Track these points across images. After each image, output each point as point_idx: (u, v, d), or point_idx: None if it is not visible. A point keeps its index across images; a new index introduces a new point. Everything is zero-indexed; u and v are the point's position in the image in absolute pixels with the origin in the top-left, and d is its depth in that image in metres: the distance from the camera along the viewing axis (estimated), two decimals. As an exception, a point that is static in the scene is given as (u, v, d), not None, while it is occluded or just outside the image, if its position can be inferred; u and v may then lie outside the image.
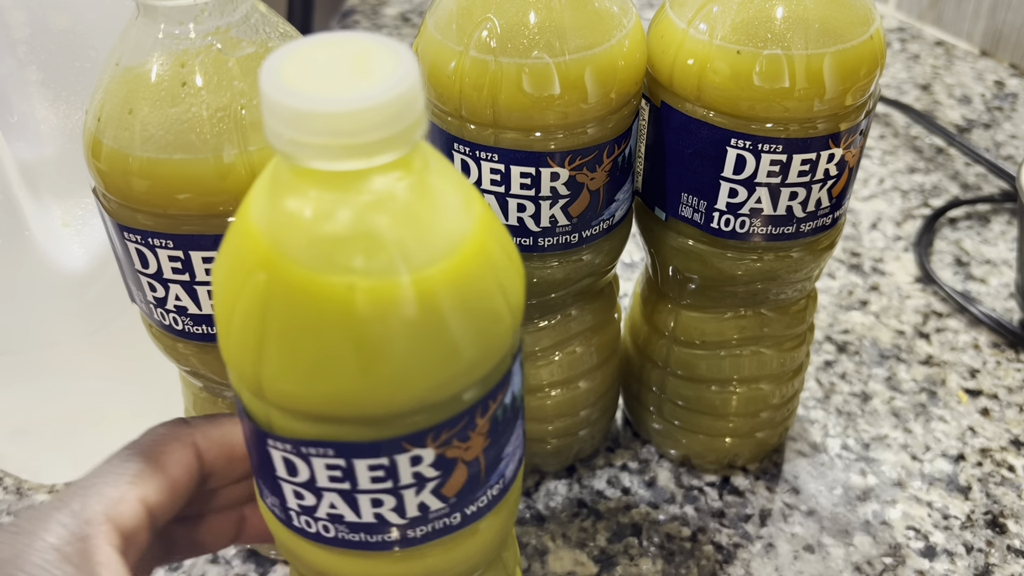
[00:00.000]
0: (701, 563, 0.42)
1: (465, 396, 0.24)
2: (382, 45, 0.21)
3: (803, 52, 0.32)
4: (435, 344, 0.23)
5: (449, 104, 0.33)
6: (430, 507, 0.26)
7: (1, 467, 0.46)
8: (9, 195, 0.36)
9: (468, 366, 0.24)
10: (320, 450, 0.24)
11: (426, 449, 0.24)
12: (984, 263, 0.59)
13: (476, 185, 0.35)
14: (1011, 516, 0.44)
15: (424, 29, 0.34)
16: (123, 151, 0.28)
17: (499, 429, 0.26)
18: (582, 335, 0.42)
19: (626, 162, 0.36)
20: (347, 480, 0.24)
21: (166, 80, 0.28)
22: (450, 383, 0.24)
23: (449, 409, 0.24)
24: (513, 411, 0.27)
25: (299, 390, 0.23)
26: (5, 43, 0.37)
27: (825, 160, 0.35)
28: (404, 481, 0.25)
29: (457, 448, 0.25)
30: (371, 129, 0.20)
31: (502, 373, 0.25)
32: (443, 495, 0.26)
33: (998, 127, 0.71)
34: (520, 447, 0.29)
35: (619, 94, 0.34)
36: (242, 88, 0.28)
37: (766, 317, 0.41)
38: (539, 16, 0.32)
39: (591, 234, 0.37)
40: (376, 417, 0.23)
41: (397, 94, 0.20)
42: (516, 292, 0.25)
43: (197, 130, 0.28)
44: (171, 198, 0.28)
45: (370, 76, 0.20)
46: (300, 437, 0.24)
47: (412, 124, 0.21)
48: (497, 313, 0.24)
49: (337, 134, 0.20)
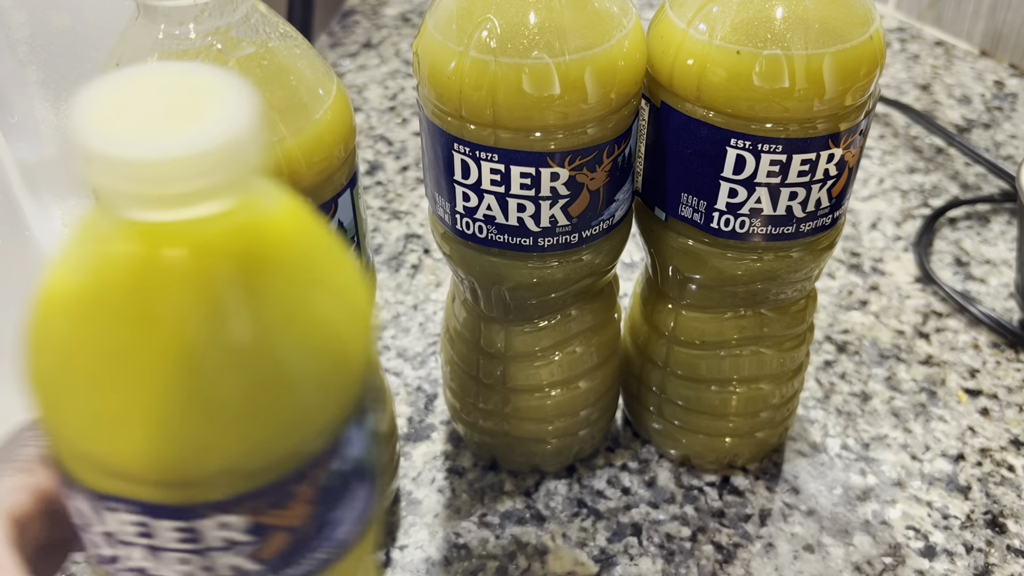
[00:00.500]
0: (701, 563, 0.42)
1: (281, 463, 0.22)
2: (220, 82, 0.20)
3: (803, 52, 0.32)
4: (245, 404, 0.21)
5: (449, 104, 0.33)
6: (249, 571, 0.24)
7: (1, 467, 0.46)
8: (9, 195, 0.36)
9: (281, 432, 0.22)
10: (120, 506, 0.22)
11: (236, 516, 0.22)
12: (984, 263, 0.59)
13: (476, 185, 0.35)
14: (1011, 516, 0.44)
15: (424, 29, 0.34)
16: None
17: (329, 496, 0.24)
18: (582, 335, 0.42)
19: (626, 162, 0.36)
20: (149, 537, 0.23)
21: None
22: (262, 449, 0.22)
23: (263, 477, 0.22)
24: (348, 477, 0.25)
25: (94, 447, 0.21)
26: (5, 43, 0.37)
27: (825, 160, 0.35)
28: (211, 544, 0.23)
29: (274, 516, 0.23)
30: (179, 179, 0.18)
31: (332, 438, 0.23)
32: (258, 558, 0.24)
33: (998, 127, 0.71)
34: (365, 507, 0.27)
35: (619, 94, 0.34)
36: None
37: (766, 317, 0.41)
38: (539, 16, 0.32)
39: (591, 234, 0.37)
40: (174, 481, 0.21)
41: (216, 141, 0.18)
42: (356, 347, 0.23)
43: None
44: None
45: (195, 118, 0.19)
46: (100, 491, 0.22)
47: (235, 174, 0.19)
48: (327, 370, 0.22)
49: (139, 182, 0.18)
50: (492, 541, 0.43)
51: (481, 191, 0.35)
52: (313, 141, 0.30)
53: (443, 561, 0.42)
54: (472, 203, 0.36)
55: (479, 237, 0.37)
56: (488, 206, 0.35)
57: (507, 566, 0.42)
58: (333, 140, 0.31)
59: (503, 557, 0.42)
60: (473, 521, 0.44)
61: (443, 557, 0.42)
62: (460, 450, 0.48)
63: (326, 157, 0.30)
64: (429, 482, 0.46)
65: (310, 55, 0.31)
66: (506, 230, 0.36)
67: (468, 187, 0.35)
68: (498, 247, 0.37)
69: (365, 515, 0.27)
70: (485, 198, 0.35)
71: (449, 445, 0.48)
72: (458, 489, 0.46)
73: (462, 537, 0.43)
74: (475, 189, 0.35)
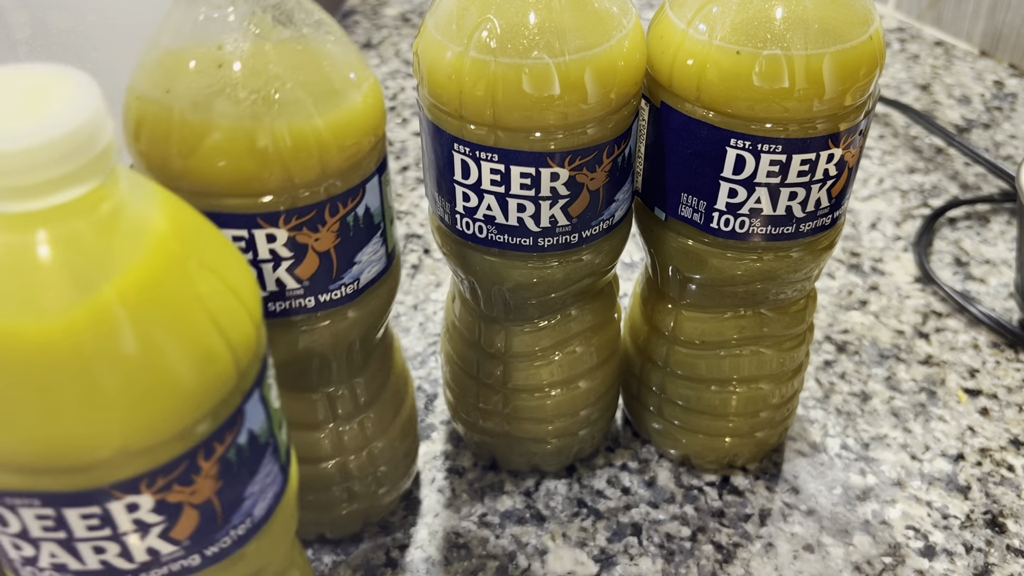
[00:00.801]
0: (701, 563, 0.42)
1: (176, 440, 0.23)
2: (61, 77, 0.20)
3: (802, 52, 0.32)
4: (125, 385, 0.21)
5: (449, 104, 0.33)
6: (160, 551, 0.25)
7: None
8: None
9: (171, 409, 0.22)
10: (26, 500, 0.22)
11: (142, 496, 0.23)
12: (983, 263, 0.59)
13: (476, 185, 0.35)
14: (1010, 516, 0.44)
15: (424, 29, 0.34)
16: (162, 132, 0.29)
17: (234, 471, 0.25)
18: (582, 335, 0.42)
19: (626, 162, 0.36)
20: (61, 529, 0.23)
21: (204, 62, 0.29)
22: (152, 428, 0.22)
23: (160, 454, 0.23)
24: (254, 450, 0.26)
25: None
26: (6, 44, 0.37)
27: (824, 160, 0.35)
28: (123, 528, 0.24)
29: (180, 492, 0.24)
30: (34, 169, 0.19)
31: (228, 413, 0.24)
32: (173, 539, 0.25)
33: (997, 127, 0.71)
34: (276, 482, 0.27)
35: (619, 94, 0.34)
36: (277, 72, 0.29)
37: (766, 317, 0.41)
38: (539, 16, 0.32)
39: (591, 234, 0.37)
40: (76, 467, 0.22)
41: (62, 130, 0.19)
42: (238, 327, 0.23)
43: (231, 111, 0.28)
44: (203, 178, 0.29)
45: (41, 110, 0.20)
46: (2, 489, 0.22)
47: (84, 162, 0.20)
48: (208, 349, 0.23)
49: None
50: (492, 541, 0.43)
51: (481, 191, 0.35)
52: (344, 126, 0.30)
53: (443, 561, 0.42)
54: (472, 203, 0.36)
55: (479, 237, 0.37)
56: (488, 206, 0.35)
57: (507, 566, 0.42)
58: (364, 126, 0.31)
59: (503, 557, 0.42)
60: (473, 521, 0.44)
61: (443, 557, 0.42)
62: (460, 450, 0.48)
63: (356, 143, 0.31)
64: (429, 482, 0.46)
65: (344, 42, 0.31)
66: (506, 230, 0.36)
67: (468, 187, 0.35)
68: (498, 247, 0.37)
69: (278, 490, 0.28)
70: (485, 198, 0.35)
71: (449, 445, 0.48)
72: (458, 489, 0.46)
73: (462, 537, 0.43)
74: (475, 189, 0.35)
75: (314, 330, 0.34)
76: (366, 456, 0.40)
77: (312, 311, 0.33)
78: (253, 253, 0.31)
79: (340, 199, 0.31)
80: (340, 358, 0.36)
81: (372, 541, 0.43)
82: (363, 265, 0.33)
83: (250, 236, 0.30)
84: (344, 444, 0.39)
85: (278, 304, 0.32)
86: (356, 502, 0.41)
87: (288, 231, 0.30)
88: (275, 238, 0.30)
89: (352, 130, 0.30)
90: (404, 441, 0.42)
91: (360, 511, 0.42)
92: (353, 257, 0.33)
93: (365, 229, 0.33)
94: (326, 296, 0.33)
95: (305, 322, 0.33)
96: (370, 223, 0.33)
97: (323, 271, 0.32)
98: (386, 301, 0.36)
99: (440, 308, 0.56)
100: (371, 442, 0.40)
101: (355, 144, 0.31)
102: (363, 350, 0.37)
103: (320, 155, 0.30)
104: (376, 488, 0.42)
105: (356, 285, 0.33)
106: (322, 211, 0.31)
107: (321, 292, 0.33)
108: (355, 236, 0.32)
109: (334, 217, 0.31)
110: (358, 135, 0.31)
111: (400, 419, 0.41)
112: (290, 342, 0.34)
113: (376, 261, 0.34)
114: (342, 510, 0.41)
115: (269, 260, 0.31)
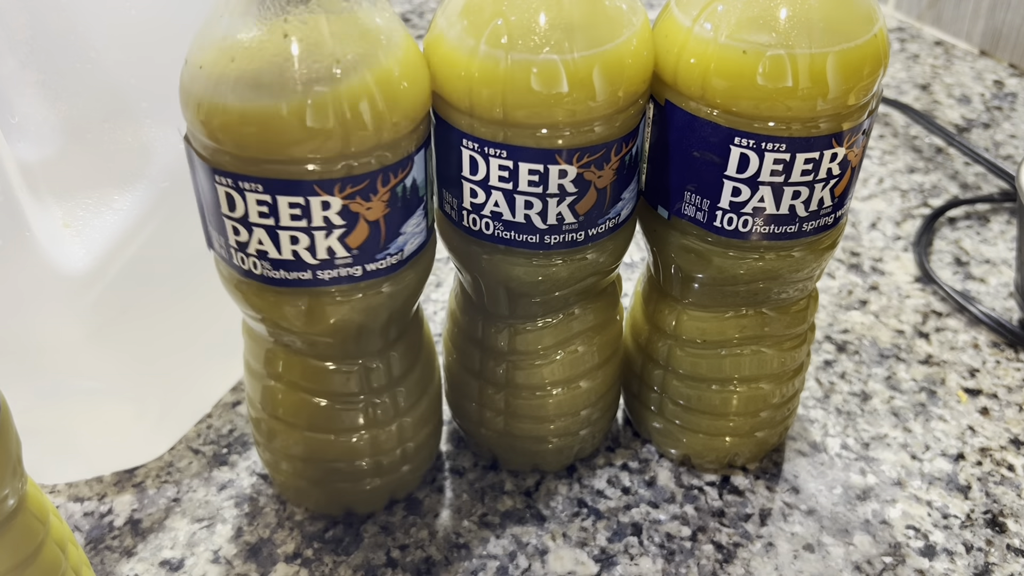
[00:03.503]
0: (701, 562, 0.42)
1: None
2: None
3: (807, 51, 0.32)
4: None
5: (458, 101, 0.33)
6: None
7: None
8: (10, 196, 0.36)
9: None
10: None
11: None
12: (983, 263, 0.59)
13: (484, 182, 0.35)
14: (1011, 515, 0.44)
15: (434, 26, 0.34)
16: (225, 100, 0.30)
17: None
18: (584, 334, 0.42)
19: (633, 161, 0.36)
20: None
21: (268, 33, 0.30)
22: None
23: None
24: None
25: None
26: (6, 44, 0.36)
27: (828, 159, 0.35)
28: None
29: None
30: None
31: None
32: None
33: (997, 127, 0.72)
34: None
35: (627, 92, 0.34)
36: (337, 47, 0.30)
37: (767, 316, 0.41)
38: (549, 14, 0.32)
39: (597, 232, 0.37)
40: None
41: None
42: None
43: (292, 83, 0.30)
44: (261, 146, 0.31)
45: None
46: None
47: None
48: None
49: None
50: (492, 541, 0.43)
51: (489, 187, 0.35)
52: (397, 99, 0.32)
53: (443, 561, 0.42)
54: (480, 199, 0.36)
55: (486, 234, 0.37)
56: (496, 203, 0.35)
57: (507, 566, 0.42)
58: (414, 100, 0.33)
59: (503, 557, 0.42)
60: (473, 521, 0.44)
61: (443, 557, 0.42)
62: (460, 450, 0.48)
63: (406, 116, 0.32)
64: (429, 482, 0.46)
65: (395, 20, 0.33)
66: (513, 227, 0.36)
67: (476, 183, 0.35)
68: (504, 244, 0.37)
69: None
70: (493, 194, 0.35)
71: (450, 445, 0.48)
72: (458, 489, 0.46)
73: (462, 537, 0.43)
74: (483, 185, 0.35)
75: (358, 299, 0.35)
76: (396, 430, 0.41)
77: (359, 280, 0.34)
78: (307, 220, 0.32)
79: (392, 169, 0.32)
80: (378, 329, 0.38)
81: (372, 541, 0.43)
82: (408, 236, 0.35)
83: (306, 203, 0.32)
84: (376, 417, 0.40)
85: (327, 272, 0.34)
86: (382, 476, 0.42)
87: (343, 199, 0.32)
88: (329, 206, 0.32)
89: (401, 103, 0.32)
90: (431, 418, 0.43)
91: (385, 486, 0.43)
92: (399, 228, 0.34)
93: (412, 200, 0.34)
94: (372, 265, 0.34)
95: (351, 291, 0.35)
96: (416, 195, 0.34)
97: (372, 240, 0.33)
98: (424, 274, 0.37)
99: (441, 308, 0.56)
100: (401, 416, 0.41)
101: (405, 118, 0.32)
102: (399, 323, 0.39)
103: (375, 127, 0.31)
104: (402, 464, 0.43)
105: (400, 256, 0.35)
106: (375, 180, 0.32)
107: (368, 261, 0.34)
108: (403, 207, 0.34)
109: (385, 187, 0.32)
110: (407, 108, 0.32)
111: (428, 396, 0.43)
112: (333, 311, 0.35)
113: (419, 233, 0.35)
114: (368, 484, 0.43)
115: (322, 228, 0.32)
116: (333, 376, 0.39)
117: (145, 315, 0.43)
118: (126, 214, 0.40)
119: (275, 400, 0.40)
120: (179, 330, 0.45)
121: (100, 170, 0.40)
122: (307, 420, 0.40)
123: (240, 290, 0.35)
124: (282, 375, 0.39)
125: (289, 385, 0.39)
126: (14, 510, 0.29)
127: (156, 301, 0.43)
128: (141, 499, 0.45)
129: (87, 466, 0.46)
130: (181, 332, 0.45)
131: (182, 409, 0.48)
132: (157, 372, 0.45)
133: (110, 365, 0.43)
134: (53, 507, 0.33)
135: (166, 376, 0.46)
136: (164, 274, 0.43)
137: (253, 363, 0.40)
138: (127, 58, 0.39)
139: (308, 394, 0.39)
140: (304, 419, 0.40)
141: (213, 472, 0.46)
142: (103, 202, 0.40)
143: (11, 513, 0.29)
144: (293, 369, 0.39)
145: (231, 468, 0.47)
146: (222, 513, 0.44)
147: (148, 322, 0.43)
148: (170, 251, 0.42)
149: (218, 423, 0.49)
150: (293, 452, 0.41)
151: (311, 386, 0.39)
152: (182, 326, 0.45)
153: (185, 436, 0.48)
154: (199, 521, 0.44)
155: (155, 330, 0.44)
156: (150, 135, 0.40)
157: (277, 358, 0.39)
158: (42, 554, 0.30)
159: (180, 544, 0.43)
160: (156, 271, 0.42)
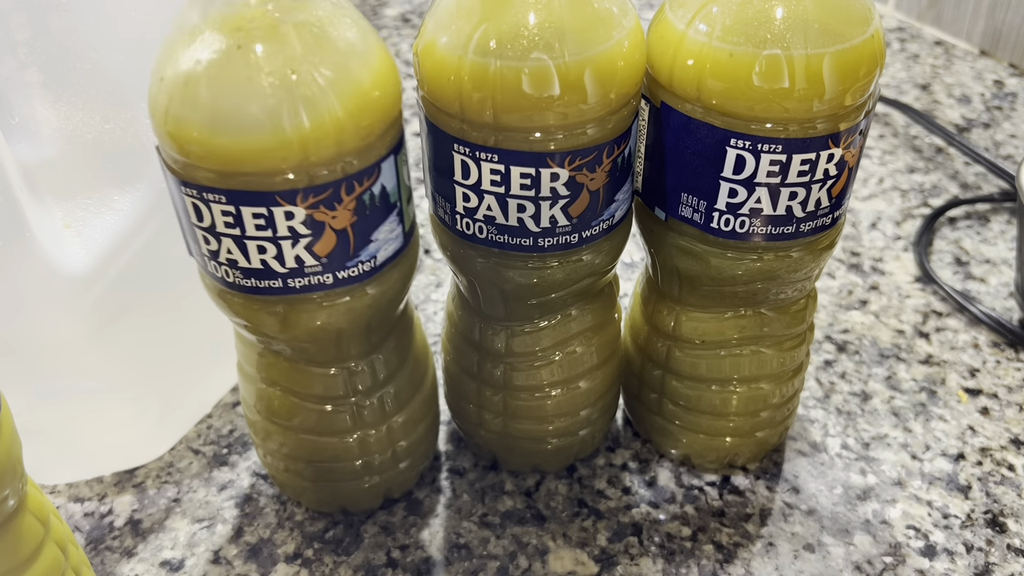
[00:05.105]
0: (701, 563, 0.42)
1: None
2: None
3: (802, 52, 0.32)
4: None
5: (449, 105, 0.33)
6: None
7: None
8: (10, 196, 0.36)
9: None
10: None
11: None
12: (984, 262, 0.59)
13: (476, 186, 0.35)
14: (1011, 515, 0.44)
15: (424, 30, 0.34)
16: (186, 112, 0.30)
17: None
18: (582, 335, 0.42)
19: (626, 163, 0.36)
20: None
21: (223, 43, 0.29)
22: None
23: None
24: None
25: None
26: (6, 45, 0.37)
27: (825, 160, 0.35)
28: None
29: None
30: None
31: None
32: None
33: (997, 127, 0.71)
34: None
35: (618, 95, 0.34)
36: (294, 54, 0.30)
37: (766, 317, 0.41)
38: (539, 17, 0.32)
39: (591, 234, 0.37)
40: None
41: None
42: None
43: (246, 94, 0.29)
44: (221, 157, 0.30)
45: None
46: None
47: None
48: None
49: None
50: (492, 541, 0.43)
51: (481, 192, 0.35)
52: (360, 106, 0.31)
53: (443, 561, 0.42)
54: (472, 204, 0.36)
55: (479, 237, 0.37)
56: (488, 207, 0.35)
57: (507, 566, 0.42)
58: (379, 106, 0.32)
59: (503, 557, 0.42)
60: (473, 521, 0.44)
61: (443, 557, 0.42)
62: (460, 450, 0.48)
63: (371, 123, 0.32)
64: (429, 482, 0.46)
65: (361, 24, 0.32)
66: (506, 230, 0.36)
67: (468, 188, 0.35)
68: (498, 247, 0.37)
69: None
70: (485, 199, 0.35)
71: (449, 445, 0.48)
72: (458, 489, 0.46)
73: (462, 537, 0.43)
74: (475, 190, 0.35)
75: (333, 306, 0.35)
76: (385, 431, 0.41)
77: (331, 287, 0.34)
78: (272, 230, 0.32)
79: (356, 177, 0.32)
80: (359, 334, 0.38)
81: (372, 541, 0.43)
82: (380, 243, 0.34)
83: (269, 213, 0.31)
84: (364, 419, 0.40)
85: (297, 280, 0.33)
86: (376, 475, 0.43)
87: (306, 209, 0.31)
88: (293, 216, 0.31)
89: (368, 111, 0.31)
90: (425, 417, 0.44)
91: (381, 485, 0.43)
92: (370, 235, 0.34)
93: (382, 207, 0.34)
94: (344, 273, 0.34)
95: (324, 298, 0.35)
96: (386, 202, 0.34)
97: (340, 249, 0.33)
98: (404, 279, 0.37)
99: (440, 308, 0.56)
100: (390, 417, 0.41)
101: (369, 125, 0.32)
102: (382, 327, 0.39)
103: (336, 136, 0.31)
104: (396, 462, 0.43)
105: (373, 263, 0.34)
106: (338, 189, 0.32)
107: (339, 269, 0.34)
108: (372, 214, 0.33)
109: (351, 195, 0.32)
110: (373, 115, 0.32)
111: (420, 395, 0.43)
112: (309, 318, 0.35)
113: (393, 239, 0.35)
114: (363, 483, 0.43)
115: (288, 237, 0.32)
116: (320, 379, 0.39)
117: (145, 315, 0.43)
118: (126, 214, 0.40)
119: (267, 402, 0.40)
120: (179, 330, 0.45)
121: (100, 171, 0.40)
122: (298, 422, 0.40)
123: (223, 299, 0.35)
124: (272, 378, 0.39)
125: (279, 388, 0.39)
126: (14, 511, 0.29)
127: (156, 301, 0.43)
128: (141, 499, 0.45)
129: (87, 466, 0.46)
130: (181, 332, 0.45)
131: (182, 409, 0.48)
132: (157, 372, 0.45)
133: (110, 365, 0.43)
134: (53, 507, 0.33)
135: (166, 376, 0.46)
136: (164, 274, 0.43)
137: (245, 366, 0.40)
138: (127, 59, 0.39)
139: (297, 397, 0.39)
140: (295, 421, 0.40)
141: (213, 472, 0.47)
142: (103, 203, 0.40)
143: (11, 514, 0.29)
144: (282, 373, 0.39)
145: (231, 468, 0.47)
146: (222, 513, 0.45)
147: (148, 322, 0.43)
148: (170, 251, 0.42)
149: (218, 423, 0.49)
150: (287, 452, 0.41)
151: (300, 389, 0.39)
152: (182, 326, 0.45)
153: (185, 436, 0.48)
154: (199, 521, 0.44)
155: (155, 330, 0.44)
156: (150, 136, 0.40)
157: (267, 362, 0.39)
158: (42, 554, 0.31)
159: (180, 544, 0.43)
160: (156, 271, 0.42)
